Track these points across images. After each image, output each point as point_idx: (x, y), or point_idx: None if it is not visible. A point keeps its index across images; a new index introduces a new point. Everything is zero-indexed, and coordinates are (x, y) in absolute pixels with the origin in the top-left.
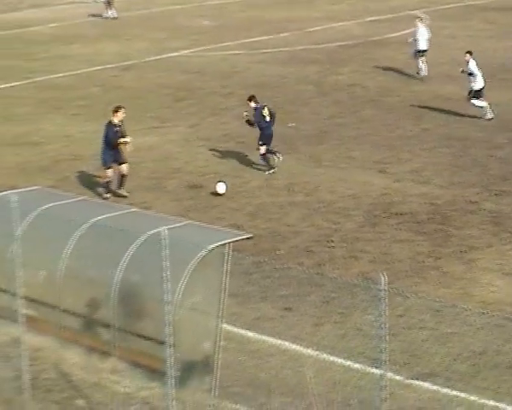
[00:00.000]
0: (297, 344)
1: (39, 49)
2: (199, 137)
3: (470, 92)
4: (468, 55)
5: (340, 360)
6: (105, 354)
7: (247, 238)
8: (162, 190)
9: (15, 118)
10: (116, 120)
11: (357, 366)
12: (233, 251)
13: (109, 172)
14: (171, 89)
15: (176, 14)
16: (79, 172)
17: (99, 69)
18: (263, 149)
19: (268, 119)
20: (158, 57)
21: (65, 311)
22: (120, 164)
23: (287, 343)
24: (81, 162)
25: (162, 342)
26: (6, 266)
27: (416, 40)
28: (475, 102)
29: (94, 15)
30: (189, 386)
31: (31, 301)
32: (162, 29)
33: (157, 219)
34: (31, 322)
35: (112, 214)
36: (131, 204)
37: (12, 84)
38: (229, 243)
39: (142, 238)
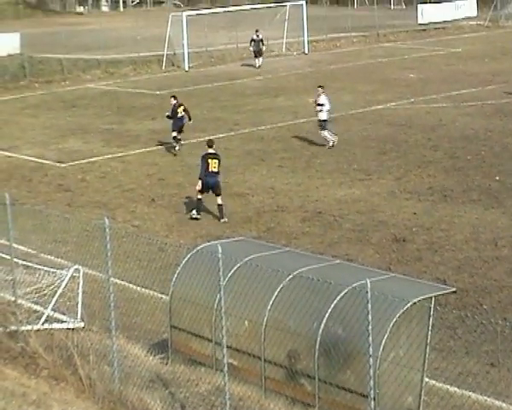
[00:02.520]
0: (502, 401)
1: (245, 101)
2: (404, 190)
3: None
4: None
5: None
6: (308, 405)
7: (451, 292)
8: (366, 242)
9: (222, 170)
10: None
11: None
12: (437, 305)
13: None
14: (377, 141)
15: (381, 67)
16: (283, 223)
17: (303, 121)
18: (174, 133)
19: (180, 115)
20: (364, 110)
21: (267, 361)
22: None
23: (491, 400)
24: (285, 214)
25: (365, 395)
26: (211, 316)
27: None
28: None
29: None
30: None
31: (234, 350)
32: (368, 82)
33: (361, 271)
34: (234, 371)
35: (315, 266)
36: (335, 256)
37: (218, 136)
38: (433, 296)
39: (346, 290)
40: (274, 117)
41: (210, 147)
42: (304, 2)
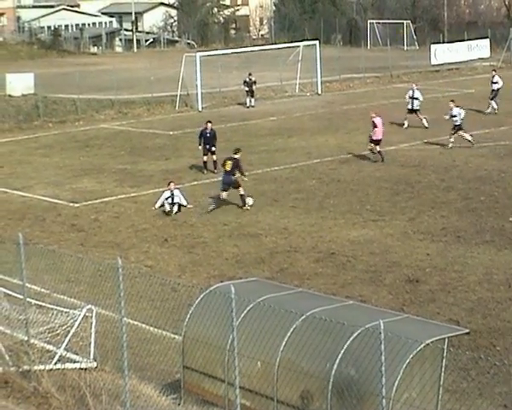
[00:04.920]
0: None
1: (259, 142)
2: (417, 231)
3: None
4: None
5: None
6: None
7: (464, 334)
8: (379, 283)
9: (235, 210)
10: None
11: None
12: (450, 346)
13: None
14: (390, 182)
15: (394, 108)
16: (297, 264)
17: (317, 162)
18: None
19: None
20: None
21: (280, 402)
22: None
23: None
24: (298, 255)
25: None
26: (224, 356)
27: None
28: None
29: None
30: None
31: (247, 390)
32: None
33: (374, 312)
34: None
35: (328, 307)
36: (348, 297)
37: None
38: (446, 338)
39: (359, 331)
40: (287, 158)
41: (235, 153)
42: (317, 43)
